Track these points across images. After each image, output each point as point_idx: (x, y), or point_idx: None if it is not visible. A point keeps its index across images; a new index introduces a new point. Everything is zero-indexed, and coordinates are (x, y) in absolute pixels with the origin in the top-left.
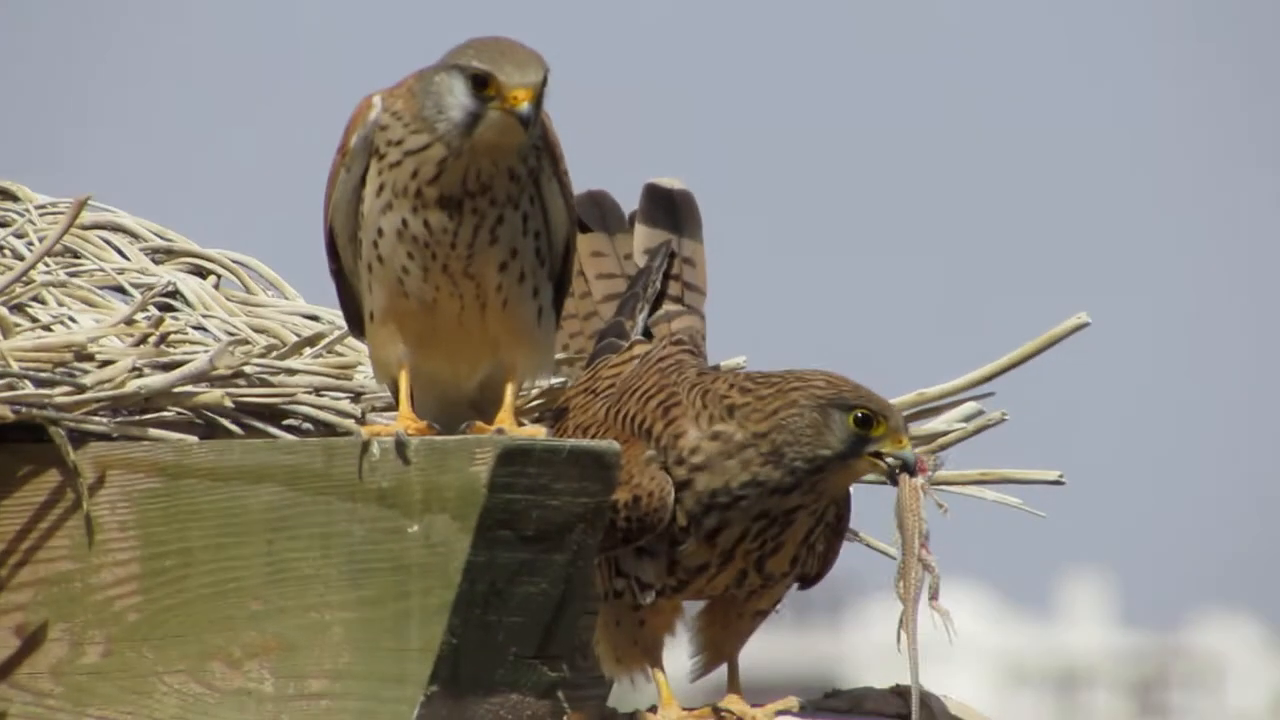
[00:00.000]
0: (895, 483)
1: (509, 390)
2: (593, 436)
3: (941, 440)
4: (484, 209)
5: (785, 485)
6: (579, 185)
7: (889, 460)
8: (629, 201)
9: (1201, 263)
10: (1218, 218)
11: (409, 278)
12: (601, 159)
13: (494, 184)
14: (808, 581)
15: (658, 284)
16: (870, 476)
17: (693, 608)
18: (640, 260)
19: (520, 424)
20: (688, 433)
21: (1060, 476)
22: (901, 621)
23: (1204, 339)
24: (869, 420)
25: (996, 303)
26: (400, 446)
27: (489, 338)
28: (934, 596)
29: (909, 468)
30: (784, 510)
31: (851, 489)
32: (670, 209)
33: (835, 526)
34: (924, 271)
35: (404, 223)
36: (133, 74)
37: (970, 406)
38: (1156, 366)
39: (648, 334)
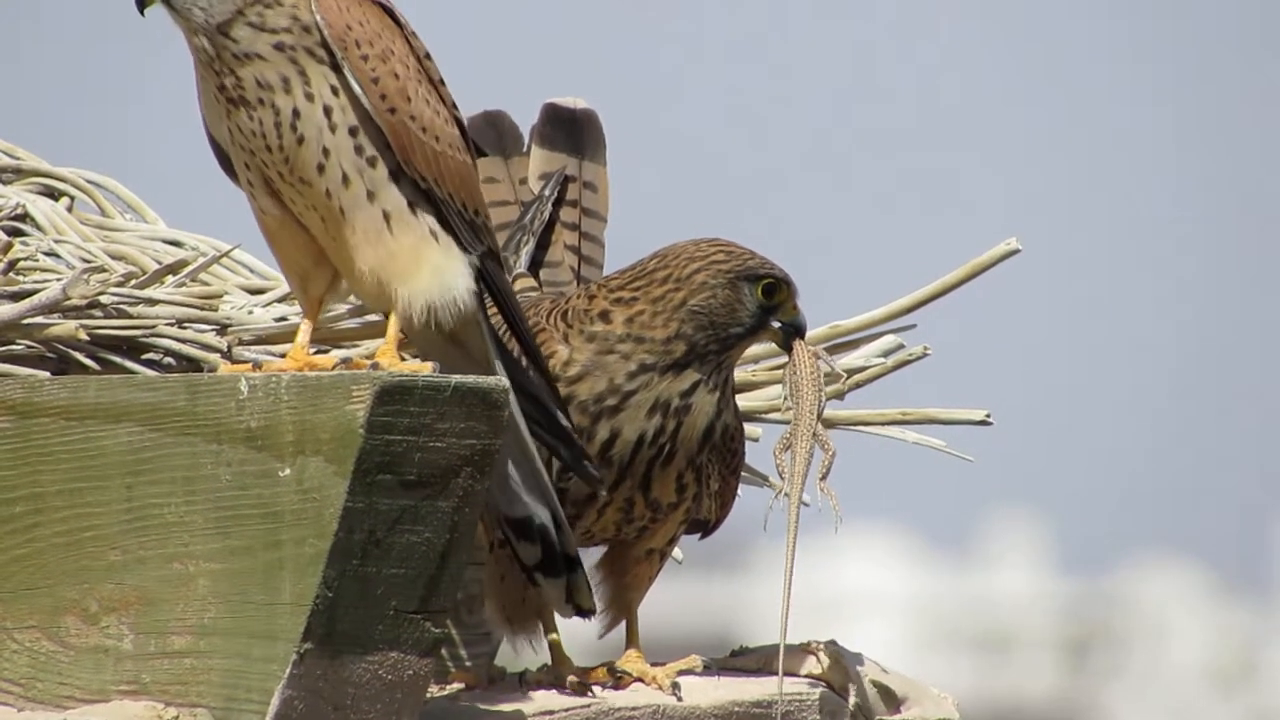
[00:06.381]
0: (788, 349)
1: (391, 321)
2: None
3: (858, 377)
4: (267, 99)
5: (682, 362)
6: (476, 106)
7: (778, 325)
8: (530, 123)
9: (1139, 185)
10: (1155, 139)
11: (256, 191)
12: (501, 77)
13: (238, 70)
14: (707, 529)
15: (546, 214)
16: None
17: (588, 563)
18: (536, 186)
19: (402, 359)
20: (558, 350)
21: (987, 416)
22: (778, 493)
23: (1143, 268)
24: (774, 288)
25: (919, 226)
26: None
27: (361, 256)
28: (824, 476)
29: (802, 331)
30: (679, 393)
31: (748, 433)
32: (571, 130)
33: (730, 464)
34: (841, 191)
35: (228, 129)
36: None
37: (890, 340)
38: (1093, 297)
39: (535, 265)
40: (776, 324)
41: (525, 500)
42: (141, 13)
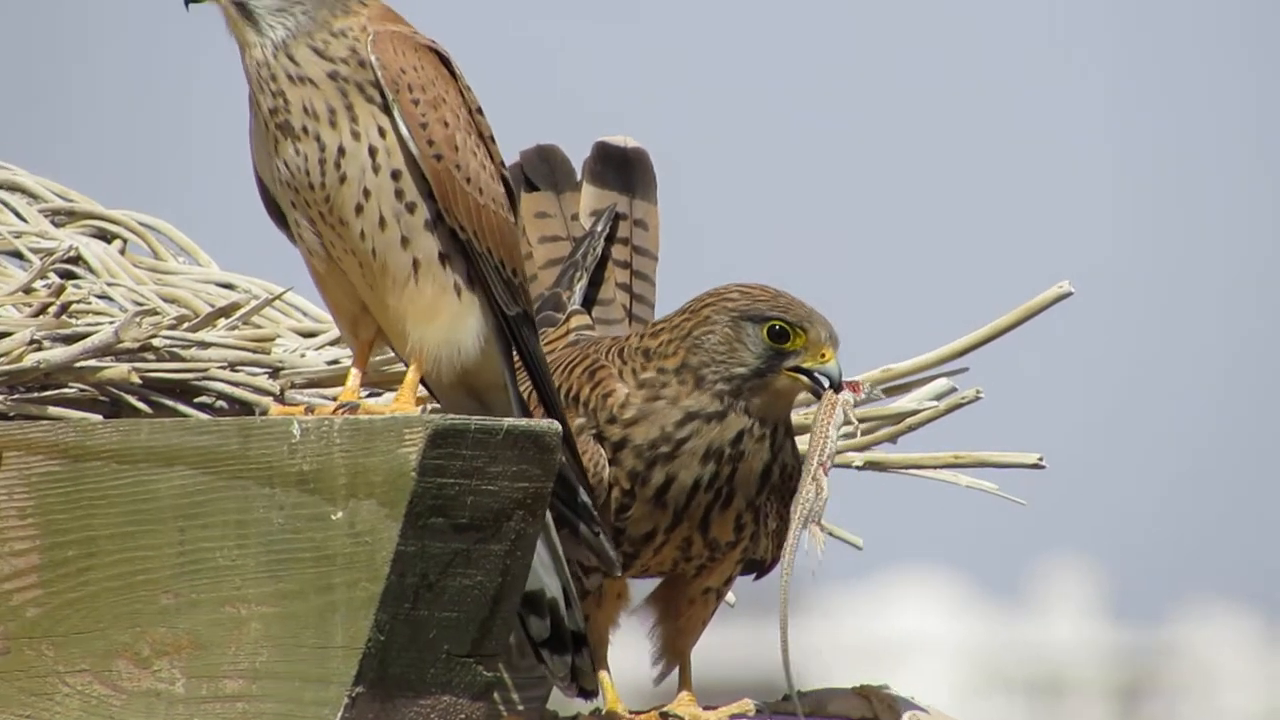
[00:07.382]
0: (816, 395)
1: (411, 369)
2: None
3: (911, 420)
4: (312, 129)
5: (717, 411)
6: (529, 140)
7: (809, 375)
8: (583, 158)
9: (1196, 225)
10: (1208, 180)
11: (303, 231)
12: (555, 113)
13: (287, 91)
14: (763, 569)
15: (598, 250)
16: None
17: (639, 596)
18: (587, 223)
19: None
20: (616, 390)
21: (1040, 459)
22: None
23: (1196, 311)
24: (784, 333)
25: (971, 269)
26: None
27: (390, 301)
28: (816, 520)
29: (833, 383)
30: (729, 441)
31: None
32: (622, 168)
33: (788, 504)
34: (892, 234)
35: (276, 166)
36: (29, 10)
37: (942, 383)
38: (1144, 341)
39: (587, 303)
40: (795, 370)
41: (539, 573)
42: (186, 7)
